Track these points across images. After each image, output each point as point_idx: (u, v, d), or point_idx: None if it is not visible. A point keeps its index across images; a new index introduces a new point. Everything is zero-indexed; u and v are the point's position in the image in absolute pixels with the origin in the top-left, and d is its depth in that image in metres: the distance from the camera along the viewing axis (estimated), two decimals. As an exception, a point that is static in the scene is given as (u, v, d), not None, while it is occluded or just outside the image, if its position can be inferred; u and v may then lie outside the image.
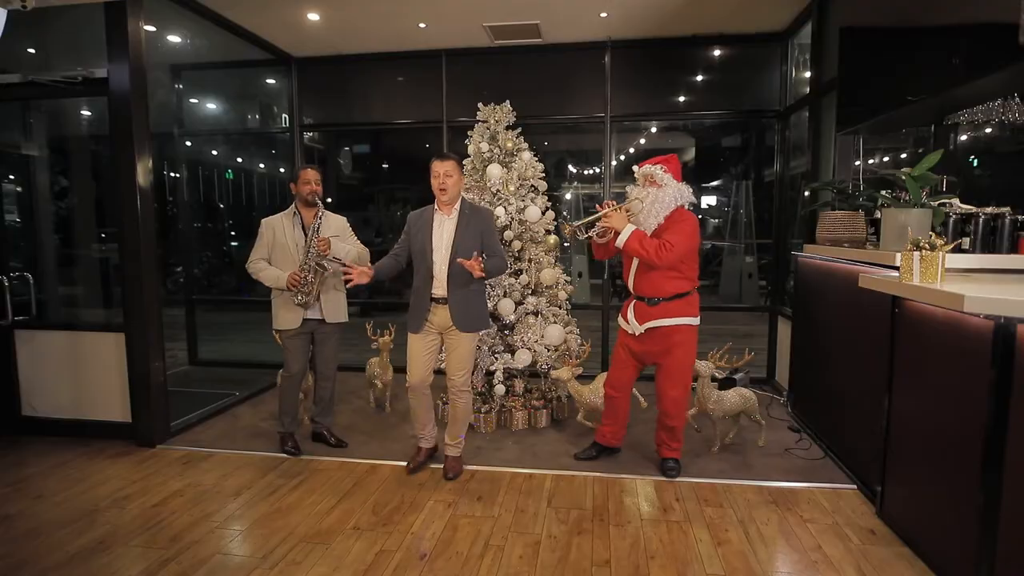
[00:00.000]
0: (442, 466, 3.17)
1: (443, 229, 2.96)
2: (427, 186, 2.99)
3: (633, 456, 3.36)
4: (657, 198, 2.90)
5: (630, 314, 3.07)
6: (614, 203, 2.98)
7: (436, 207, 3.01)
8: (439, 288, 2.95)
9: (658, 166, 2.94)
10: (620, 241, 2.90)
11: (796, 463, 3.26)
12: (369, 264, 3.17)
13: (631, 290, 3.08)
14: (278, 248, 3.27)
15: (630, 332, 3.07)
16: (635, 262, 3.01)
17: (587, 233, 3.03)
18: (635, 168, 3.05)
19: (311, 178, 3.28)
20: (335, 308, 3.36)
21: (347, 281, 2.95)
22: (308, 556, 2.40)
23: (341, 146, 6.79)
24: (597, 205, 3.03)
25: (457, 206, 2.99)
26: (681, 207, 2.94)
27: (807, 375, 3.84)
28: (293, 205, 3.34)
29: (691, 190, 2.98)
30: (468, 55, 4.96)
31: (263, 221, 3.33)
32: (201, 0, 3.94)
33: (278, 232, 3.28)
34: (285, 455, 3.41)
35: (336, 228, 3.36)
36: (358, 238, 3.52)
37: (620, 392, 3.20)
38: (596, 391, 3.50)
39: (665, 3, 4.05)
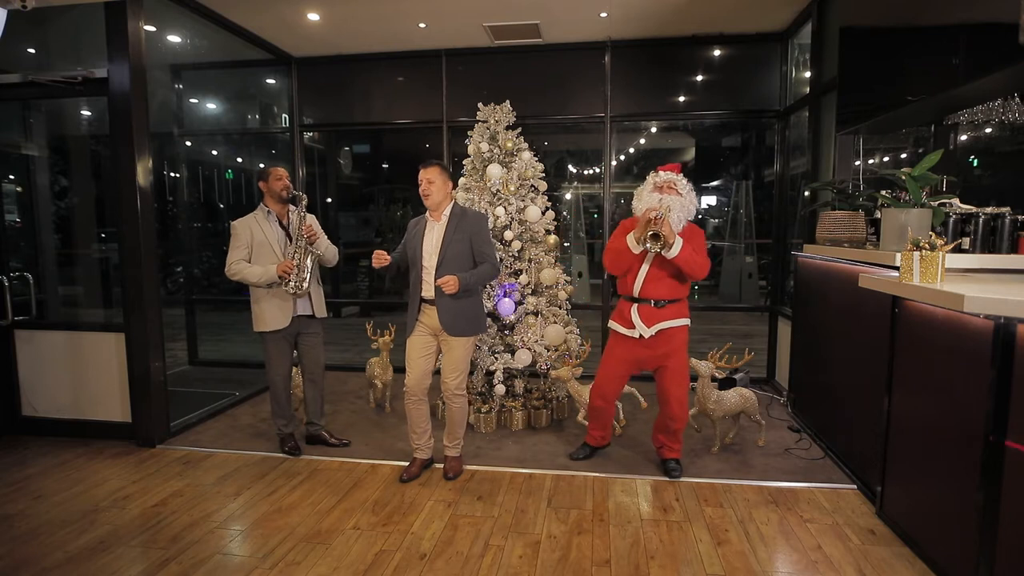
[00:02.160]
0: (442, 466, 3.18)
1: (432, 234, 3.01)
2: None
3: (633, 456, 3.36)
4: (682, 206, 2.88)
5: (635, 318, 2.99)
6: (658, 211, 2.81)
7: (427, 214, 3.06)
8: (428, 290, 2.99)
9: (680, 176, 2.94)
10: (674, 251, 2.80)
11: (796, 463, 3.26)
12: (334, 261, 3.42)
13: (635, 295, 2.99)
14: (258, 248, 3.22)
15: (635, 336, 2.99)
16: (646, 268, 2.94)
17: (647, 244, 2.84)
18: (660, 174, 2.93)
19: (283, 175, 3.28)
20: (319, 302, 3.39)
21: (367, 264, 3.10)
22: (308, 556, 2.40)
23: (341, 146, 6.79)
24: (649, 214, 2.80)
25: (447, 211, 3.01)
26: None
27: (807, 375, 3.84)
28: (263, 204, 3.31)
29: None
30: (468, 55, 4.96)
31: (236, 223, 3.25)
32: (201, 0, 3.94)
33: (256, 232, 3.23)
34: (285, 455, 3.41)
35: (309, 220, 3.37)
36: (358, 238, 3.52)
37: (608, 401, 3.19)
38: (596, 391, 3.50)
39: (665, 3, 4.05)
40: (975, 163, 3.84)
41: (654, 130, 6.85)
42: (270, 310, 3.23)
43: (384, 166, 7.63)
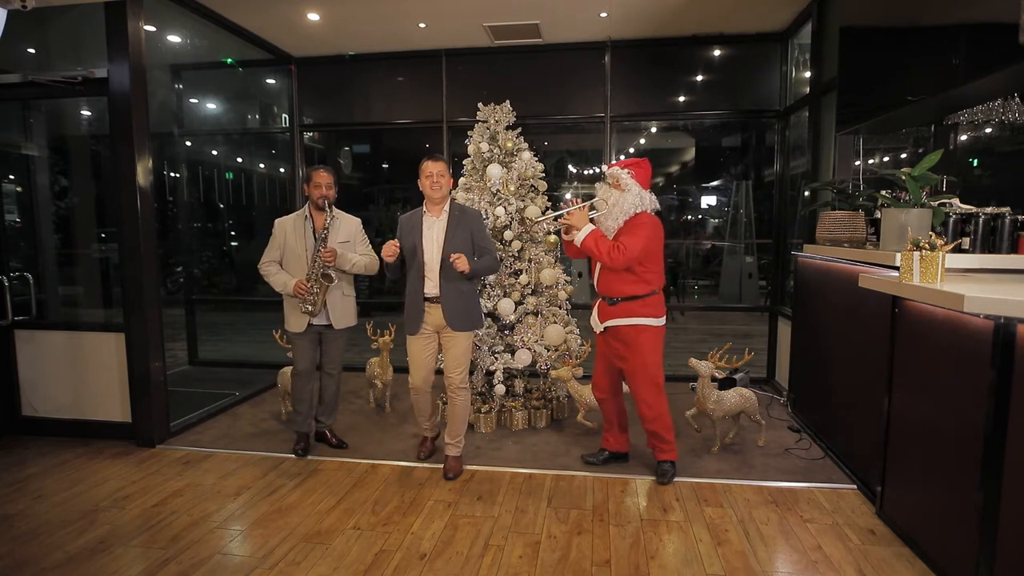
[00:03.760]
0: (442, 466, 3.18)
1: (433, 230, 3.00)
2: (427, 186, 2.99)
3: (634, 456, 3.36)
4: (619, 202, 2.91)
5: (594, 313, 3.13)
6: (579, 201, 3.00)
7: (425, 209, 3.04)
8: (432, 288, 2.99)
9: (625, 170, 2.94)
10: (578, 239, 2.92)
11: (796, 463, 3.26)
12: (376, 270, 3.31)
13: (597, 290, 3.10)
14: (289, 252, 3.25)
15: (595, 329, 3.14)
16: (599, 264, 3.02)
17: (549, 228, 3.05)
18: (604, 168, 3.08)
19: (323, 182, 3.20)
20: (343, 313, 3.33)
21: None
22: (308, 556, 2.40)
23: (341, 146, 6.79)
24: (561, 203, 3.06)
25: (446, 207, 3.03)
26: (644, 211, 2.93)
27: (807, 375, 3.84)
28: (306, 207, 3.29)
29: (654, 197, 2.97)
30: (468, 55, 4.96)
31: (276, 222, 3.30)
32: (201, 0, 3.94)
33: (289, 235, 3.25)
34: (288, 455, 3.41)
35: (347, 232, 3.31)
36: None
37: (604, 394, 3.20)
38: (596, 391, 3.51)
39: (665, 3, 4.05)
40: (975, 163, 3.84)
41: (654, 130, 6.83)
42: (292, 315, 3.29)
43: (384, 166, 7.63)
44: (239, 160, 7.60)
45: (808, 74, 4.25)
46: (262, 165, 7.73)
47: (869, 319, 2.81)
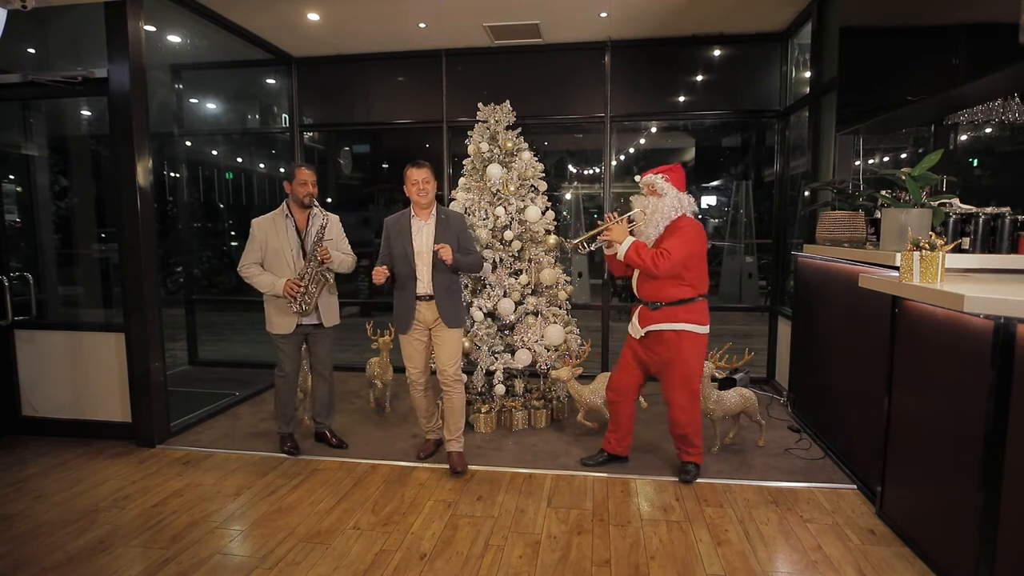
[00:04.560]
0: (443, 465, 3.19)
1: (422, 233, 3.08)
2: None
3: (634, 456, 3.36)
4: (657, 208, 2.90)
5: (634, 317, 3.09)
6: (616, 215, 3.00)
7: (412, 212, 3.11)
8: (423, 288, 3.08)
9: (659, 175, 2.93)
10: (620, 253, 2.93)
11: (796, 463, 3.26)
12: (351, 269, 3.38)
13: (636, 295, 3.08)
14: (271, 252, 3.22)
15: (634, 335, 3.09)
16: (637, 270, 3.02)
17: (589, 247, 3.09)
18: (637, 178, 3.06)
19: (307, 179, 3.21)
20: (330, 312, 3.35)
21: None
22: (308, 556, 2.40)
23: (341, 146, 6.79)
24: (597, 221, 3.05)
25: (433, 211, 3.11)
26: (683, 215, 2.92)
27: (807, 375, 3.84)
28: (284, 204, 3.27)
29: (692, 199, 2.96)
30: (468, 55, 4.96)
31: (254, 222, 3.24)
32: (201, 0, 3.94)
33: (271, 234, 3.22)
34: (285, 455, 3.41)
35: (330, 230, 3.31)
36: (358, 238, 3.49)
37: (621, 396, 3.17)
38: (596, 391, 3.51)
39: (665, 3, 4.05)
40: (975, 163, 3.84)
41: (654, 130, 6.84)
42: (277, 315, 3.25)
43: (384, 166, 7.63)
44: (239, 160, 7.60)
45: (808, 74, 4.25)
46: (262, 165, 7.73)
47: (869, 319, 2.81)
